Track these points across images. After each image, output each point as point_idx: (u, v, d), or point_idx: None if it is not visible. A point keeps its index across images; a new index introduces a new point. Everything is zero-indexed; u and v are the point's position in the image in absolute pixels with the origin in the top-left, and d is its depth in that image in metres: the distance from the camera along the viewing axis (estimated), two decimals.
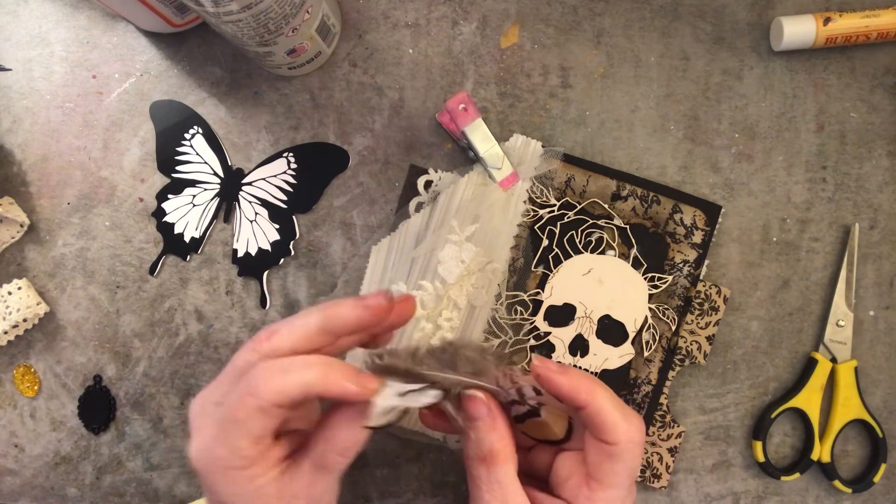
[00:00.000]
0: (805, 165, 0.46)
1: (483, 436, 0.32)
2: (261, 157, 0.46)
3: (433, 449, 0.45)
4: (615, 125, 0.46)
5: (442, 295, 0.44)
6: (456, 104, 0.41)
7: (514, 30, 0.46)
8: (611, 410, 0.32)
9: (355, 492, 0.45)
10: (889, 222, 0.46)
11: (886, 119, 0.46)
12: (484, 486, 0.32)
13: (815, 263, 0.46)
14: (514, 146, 0.45)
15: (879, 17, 0.44)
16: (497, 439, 0.32)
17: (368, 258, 0.45)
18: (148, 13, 0.42)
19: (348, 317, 0.31)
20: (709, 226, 0.44)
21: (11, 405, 0.46)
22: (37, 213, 0.46)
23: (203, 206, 0.46)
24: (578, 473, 0.33)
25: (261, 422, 0.29)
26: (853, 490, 0.45)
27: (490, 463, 0.32)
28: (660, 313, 0.44)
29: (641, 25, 0.46)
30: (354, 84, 0.46)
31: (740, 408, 0.45)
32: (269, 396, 0.28)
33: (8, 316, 0.44)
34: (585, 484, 0.33)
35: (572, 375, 0.32)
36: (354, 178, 0.46)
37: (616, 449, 0.32)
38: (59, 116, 0.46)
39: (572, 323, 0.44)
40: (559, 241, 0.45)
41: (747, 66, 0.46)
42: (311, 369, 0.29)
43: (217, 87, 0.46)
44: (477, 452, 0.32)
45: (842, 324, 0.45)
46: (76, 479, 0.46)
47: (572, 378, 0.32)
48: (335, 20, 0.44)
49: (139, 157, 0.46)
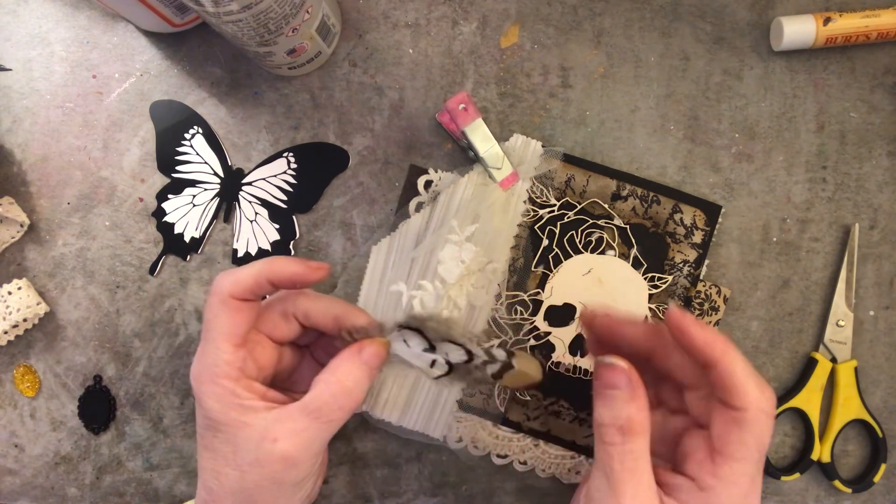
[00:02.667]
0: (805, 165, 0.46)
1: (622, 405, 0.31)
2: (261, 157, 0.46)
3: (433, 449, 0.45)
4: (615, 125, 0.46)
5: (442, 295, 0.44)
6: (456, 104, 0.41)
7: (514, 30, 0.46)
8: (743, 374, 0.31)
9: (355, 492, 0.45)
10: (889, 222, 0.46)
11: (886, 119, 0.46)
12: (616, 454, 0.31)
13: (815, 263, 0.46)
14: (514, 146, 0.45)
15: (879, 17, 0.44)
16: (637, 411, 0.31)
17: (368, 258, 0.45)
18: (148, 13, 0.42)
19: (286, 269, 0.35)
20: (709, 226, 0.45)
21: (11, 405, 0.46)
22: (37, 213, 0.46)
23: (203, 206, 0.46)
24: (703, 448, 0.32)
25: (228, 317, 0.33)
26: (853, 490, 0.45)
27: (627, 433, 0.31)
28: (660, 313, 0.44)
29: (641, 25, 0.46)
30: (354, 84, 0.46)
31: None
32: (226, 287, 0.34)
33: (8, 316, 0.44)
34: (710, 458, 0.32)
35: (709, 330, 0.32)
36: (354, 178, 0.46)
37: (745, 416, 0.31)
38: (59, 116, 0.46)
39: (572, 323, 0.44)
40: (559, 241, 0.45)
41: (747, 66, 0.46)
42: (258, 263, 0.35)
43: (217, 87, 0.46)
44: (613, 420, 0.31)
45: (842, 324, 0.45)
46: (76, 479, 0.46)
47: (708, 332, 0.32)
48: (335, 20, 0.44)
49: (139, 157, 0.46)
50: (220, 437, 0.33)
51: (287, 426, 0.33)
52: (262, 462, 0.32)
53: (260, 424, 0.33)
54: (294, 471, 0.33)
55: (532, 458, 0.44)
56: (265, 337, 0.37)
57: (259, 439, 0.32)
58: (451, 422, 0.44)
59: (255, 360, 0.36)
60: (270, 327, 0.37)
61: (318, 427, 0.33)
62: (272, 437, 0.32)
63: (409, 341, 0.35)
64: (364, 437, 0.45)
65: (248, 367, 0.35)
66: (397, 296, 0.44)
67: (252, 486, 0.33)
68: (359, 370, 0.34)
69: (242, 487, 0.33)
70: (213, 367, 0.33)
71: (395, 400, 0.44)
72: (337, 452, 0.45)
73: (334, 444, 0.45)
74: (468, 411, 0.44)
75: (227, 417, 0.33)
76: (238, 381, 0.34)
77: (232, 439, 0.33)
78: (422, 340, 0.34)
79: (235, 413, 0.33)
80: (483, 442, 0.44)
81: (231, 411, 0.33)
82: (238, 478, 0.33)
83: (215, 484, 0.34)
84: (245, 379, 0.34)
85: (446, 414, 0.44)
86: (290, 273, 0.35)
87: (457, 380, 0.35)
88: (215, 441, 0.33)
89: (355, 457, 0.45)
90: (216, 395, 0.33)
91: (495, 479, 0.45)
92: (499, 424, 0.44)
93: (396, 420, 0.44)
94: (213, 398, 0.33)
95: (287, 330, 0.37)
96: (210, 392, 0.33)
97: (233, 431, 0.33)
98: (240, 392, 0.33)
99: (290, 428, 0.33)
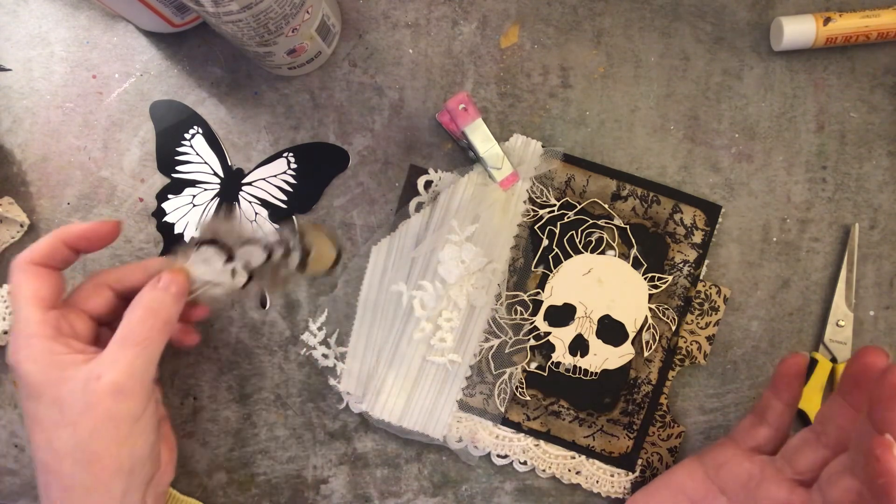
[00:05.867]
0: (805, 165, 0.46)
1: None
2: (261, 157, 0.46)
3: (433, 449, 0.45)
4: (615, 125, 0.46)
5: (442, 295, 0.44)
6: (456, 104, 0.41)
7: (514, 30, 0.46)
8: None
9: (355, 492, 0.45)
10: (889, 222, 0.46)
11: (886, 119, 0.46)
12: None
13: (815, 263, 0.46)
14: (514, 146, 0.45)
15: (879, 17, 0.44)
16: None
17: (368, 258, 0.45)
18: (148, 13, 0.42)
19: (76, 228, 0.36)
20: (709, 226, 0.45)
21: (11, 405, 0.46)
22: (37, 213, 0.46)
23: (203, 206, 0.46)
24: None
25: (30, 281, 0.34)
26: None
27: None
28: (660, 313, 0.44)
29: (641, 25, 0.46)
30: (354, 84, 0.46)
31: (740, 408, 0.45)
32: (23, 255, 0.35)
33: (8, 316, 0.44)
34: None
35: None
36: (354, 178, 0.46)
37: None
38: (59, 116, 0.46)
39: (572, 323, 0.44)
40: (559, 241, 0.45)
41: (747, 66, 0.46)
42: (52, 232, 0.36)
43: (217, 87, 0.46)
44: None
45: (842, 324, 0.45)
46: None
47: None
48: (335, 20, 0.44)
49: (139, 157, 0.46)
50: (45, 401, 0.32)
51: (106, 361, 0.33)
52: (92, 404, 0.32)
53: (82, 373, 0.32)
54: (127, 402, 0.33)
55: (532, 458, 0.44)
56: (81, 311, 0.37)
57: (84, 384, 0.32)
58: (451, 422, 0.44)
59: (72, 328, 0.35)
60: (83, 301, 0.37)
61: (136, 352, 0.33)
62: (96, 376, 0.32)
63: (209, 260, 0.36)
64: (364, 437, 0.45)
65: (64, 328, 0.34)
66: (397, 296, 0.44)
67: (87, 435, 0.32)
68: (159, 293, 0.35)
69: (78, 442, 0.32)
70: (25, 330, 0.33)
71: (395, 400, 0.44)
72: (337, 452, 0.45)
73: (334, 443, 0.45)
74: (468, 411, 0.44)
75: (48, 377, 0.32)
76: (55, 340, 0.33)
77: (57, 398, 0.32)
78: (220, 253, 0.36)
79: (56, 371, 0.33)
80: (483, 442, 0.44)
81: (51, 370, 0.33)
82: (71, 433, 0.32)
83: (49, 454, 0.33)
84: (63, 337, 0.34)
85: (446, 414, 0.44)
86: (80, 231, 0.36)
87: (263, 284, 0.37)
88: (40, 408, 0.33)
89: (355, 457, 0.45)
90: (31, 358, 0.33)
91: (495, 479, 0.45)
92: (499, 424, 0.44)
93: (396, 420, 0.44)
94: (29, 361, 0.33)
95: (101, 301, 0.37)
96: (25, 356, 0.33)
97: (55, 389, 0.32)
98: (57, 349, 0.33)
99: (109, 360, 0.33)
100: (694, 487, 0.38)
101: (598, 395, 0.44)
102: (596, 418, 0.44)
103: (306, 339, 0.45)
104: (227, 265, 0.35)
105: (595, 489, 0.44)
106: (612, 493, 0.44)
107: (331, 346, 0.45)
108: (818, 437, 0.34)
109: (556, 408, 0.44)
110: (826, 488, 0.32)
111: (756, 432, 0.38)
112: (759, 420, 0.38)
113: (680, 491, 0.38)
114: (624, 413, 0.44)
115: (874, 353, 0.32)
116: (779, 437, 0.37)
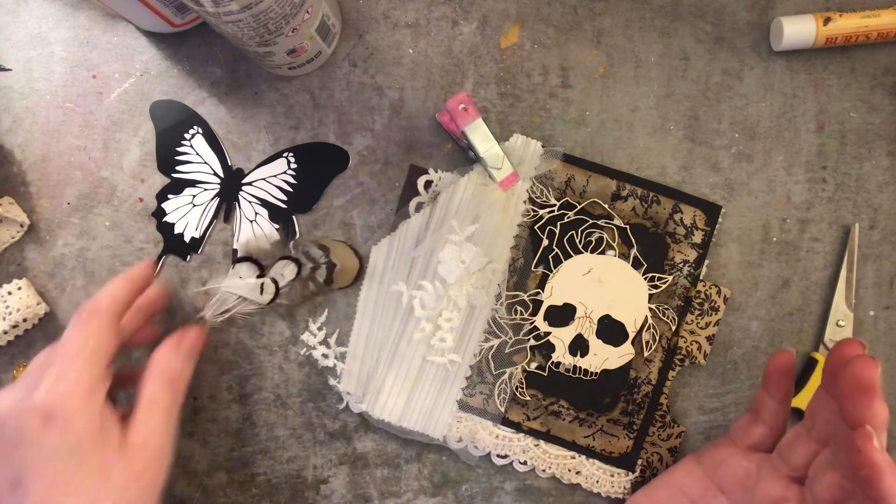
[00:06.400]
0: (805, 165, 0.46)
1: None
2: (261, 157, 0.46)
3: (433, 449, 0.45)
4: (615, 125, 0.46)
5: (442, 295, 0.44)
6: (456, 104, 0.41)
7: (514, 30, 0.46)
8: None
9: (355, 492, 0.45)
10: (889, 222, 0.46)
11: (886, 119, 0.46)
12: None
13: (815, 263, 0.46)
14: (514, 146, 0.45)
15: (879, 17, 0.44)
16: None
17: (368, 258, 0.45)
18: (148, 13, 0.42)
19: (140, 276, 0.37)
20: (709, 226, 0.45)
21: None
22: (37, 213, 0.46)
23: (203, 206, 0.46)
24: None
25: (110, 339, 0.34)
26: None
27: None
28: (660, 313, 0.44)
29: (641, 25, 0.46)
30: (354, 84, 0.46)
31: (740, 408, 0.45)
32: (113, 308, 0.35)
33: (8, 316, 0.44)
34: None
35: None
36: (354, 178, 0.46)
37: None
38: (59, 116, 0.46)
39: (572, 323, 0.44)
40: (559, 241, 0.45)
41: (747, 66, 0.46)
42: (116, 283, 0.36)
43: (217, 87, 0.46)
44: None
45: (842, 324, 0.45)
46: None
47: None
48: (335, 20, 0.44)
49: (139, 157, 0.46)
50: (90, 466, 0.32)
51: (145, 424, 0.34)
52: (139, 475, 0.33)
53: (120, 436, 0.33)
54: (165, 463, 0.34)
55: (532, 458, 0.44)
56: None
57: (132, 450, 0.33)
58: (451, 422, 0.44)
59: None
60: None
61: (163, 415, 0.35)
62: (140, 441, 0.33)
63: (242, 275, 0.37)
64: (364, 437, 0.45)
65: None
66: (397, 296, 0.44)
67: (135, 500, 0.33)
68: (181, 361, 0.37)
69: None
70: (90, 388, 0.32)
71: (395, 400, 0.44)
72: (337, 452, 0.45)
73: (334, 443, 0.45)
74: (468, 411, 0.44)
75: (98, 441, 0.32)
76: (105, 401, 0.34)
77: (101, 463, 0.32)
78: (254, 268, 0.36)
79: (102, 433, 0.32)
80: (483, 442, 0.44)
81: (107, 433, 0.33)
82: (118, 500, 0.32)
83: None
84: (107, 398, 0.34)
85: (446, 414, 0.44)
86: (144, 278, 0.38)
87: (289, 299, 0.38)
88: (80, 475, 0.31)
89: (355, 457, 0.45)
90: (88, 418, 0.32)
91: (495, 479, 0.45)
92: (499, 424, 0.44)
93: (396, 420, 0.44)
94: (85, 419, 0.32)
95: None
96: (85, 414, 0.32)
97: (100, 452, 0.32)
98: (107, 413, 0.33)
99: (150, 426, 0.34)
100: (693, 486, 0.38)
101: (598, 395, 0.44)
102: (596, 418, 0.44)
103: (306, 339, 0.45)
104: (258, 280, 0.36)
105: (595, 489, 0.44)
106: (612, 493, 0.44)
107: (331, 346, 0.45)
108: (808, 431, 0.34)
109: (556, 408, 0.44)
110: (813, 484, 0.32)
111: (752, 430, 0.38)
112: (755, 418, 0.38)
113: (679, 490, 0.38)
114: (624, 413, 0.44)
115: (850, 344, 0.31)
116: (775, 434, 0.37)
